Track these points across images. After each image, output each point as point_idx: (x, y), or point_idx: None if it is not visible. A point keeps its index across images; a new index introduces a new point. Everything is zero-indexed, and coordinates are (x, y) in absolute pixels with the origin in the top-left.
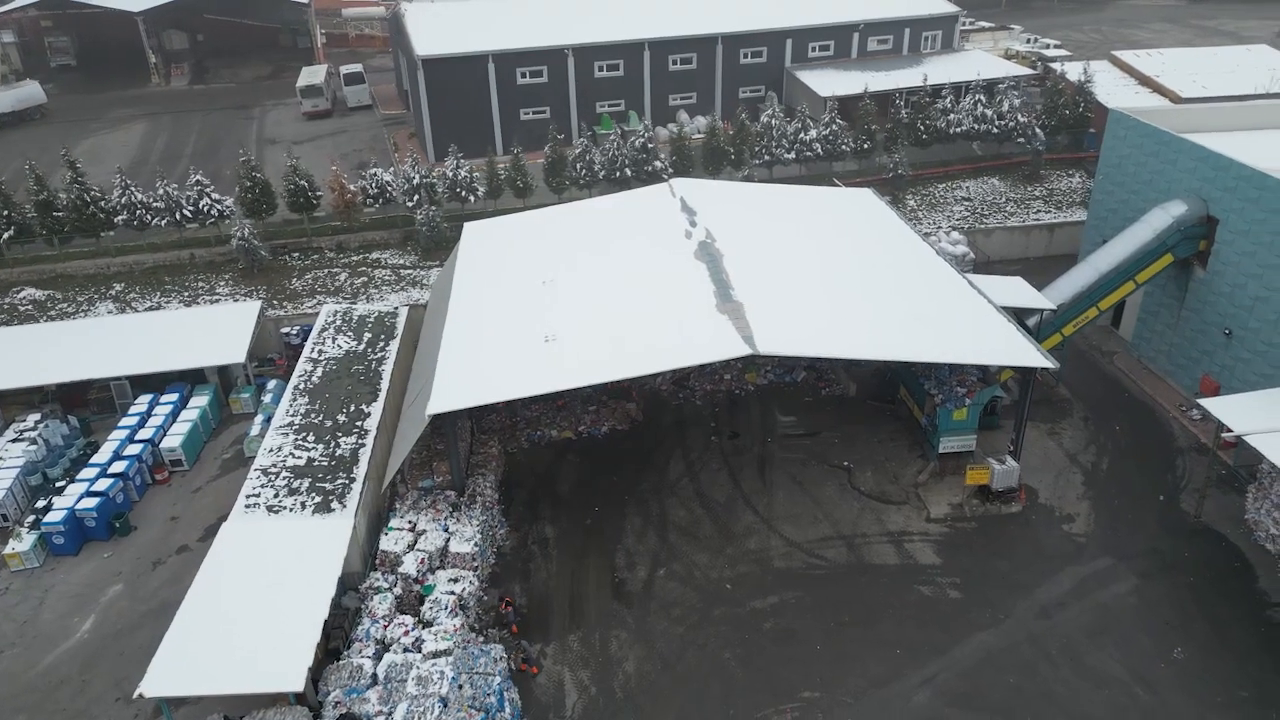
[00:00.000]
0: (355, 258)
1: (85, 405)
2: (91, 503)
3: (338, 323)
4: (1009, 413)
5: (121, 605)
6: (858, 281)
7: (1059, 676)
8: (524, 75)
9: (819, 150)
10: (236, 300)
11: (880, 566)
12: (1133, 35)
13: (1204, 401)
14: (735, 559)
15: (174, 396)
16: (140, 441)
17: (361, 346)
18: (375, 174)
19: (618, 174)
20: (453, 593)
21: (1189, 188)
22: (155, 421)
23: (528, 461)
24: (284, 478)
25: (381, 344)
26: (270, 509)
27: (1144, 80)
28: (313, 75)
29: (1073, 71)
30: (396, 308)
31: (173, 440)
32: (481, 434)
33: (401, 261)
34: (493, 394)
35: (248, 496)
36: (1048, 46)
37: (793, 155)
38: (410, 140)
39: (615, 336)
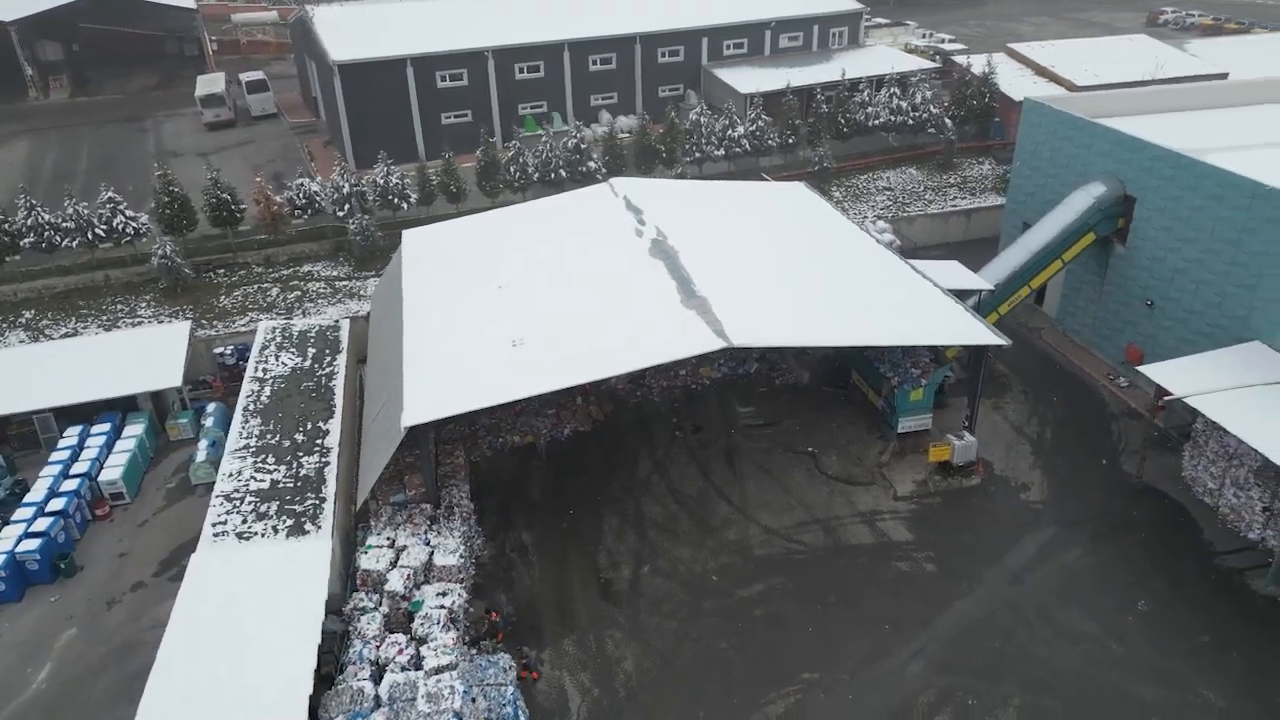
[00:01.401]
0: (285, 271)
1: (5, 441)
2: (32, 544)
3: (278, 339)
4: (955, 390)
5: (79, 650)
6: (810, 272)
7: (1037, 637)
8: (444, 79)
9: (747, 146)
10: (162, 322)
11: (857, 546)
12: (1016, 29)
13: (1144, 368)
14: (717, 550)
15: (106, 426)
16: (77, 476)
17: (307, 363)
18: (302, 184)
19: (552, 176)
20: (443, 606)
21: (1106, 169)
22: (89, 454)
23: (493, 469)
24: (250, 503)
25: (328, 359)
26: (241, 536)
27: (1040, 70)
28: (212, 84)
29: (975, 64)
30: (337, 320)
31: (112, 472)
32: (444, 444)
33: (335, 273)
34: (469, 401)
35: (214, 525)
36: (943, 41)
37: (722, 152)
38: (326, 148)
39: (585, 337)
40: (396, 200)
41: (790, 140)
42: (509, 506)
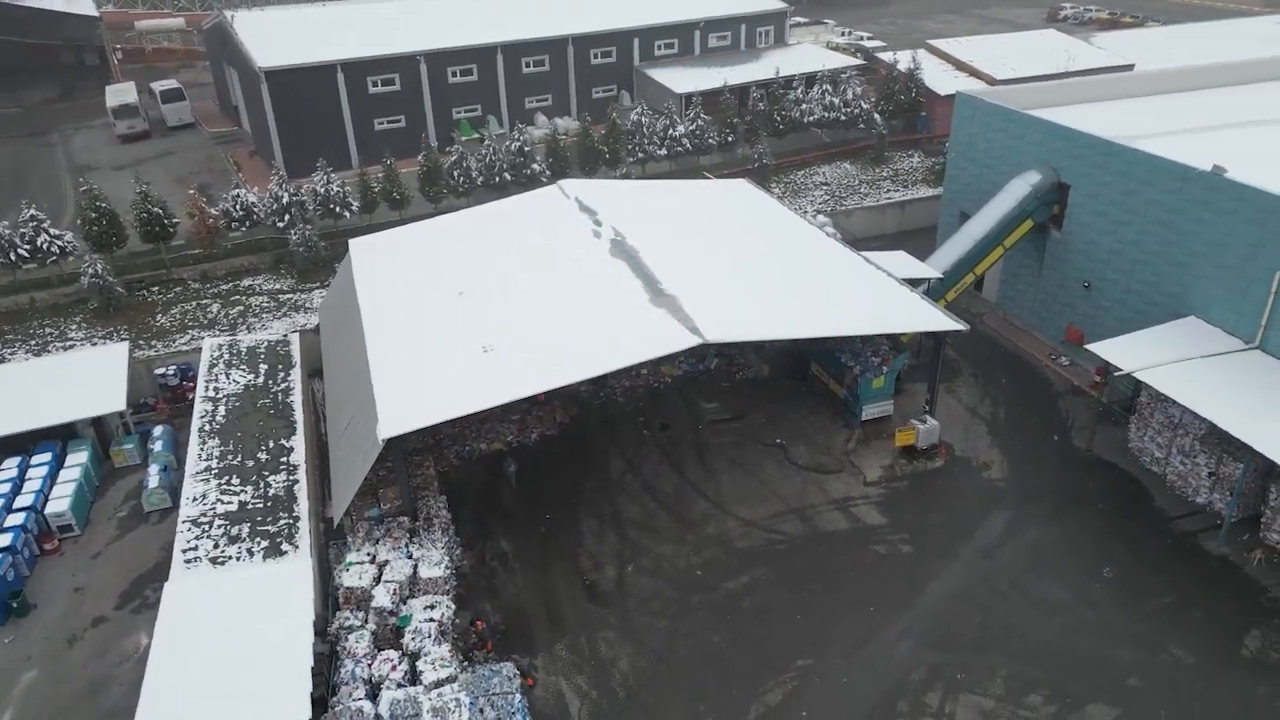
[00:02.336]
0: (225, 287)
1: None
2: None
3: (226, 357)
4: (910, 377)
5: (43, 692)
6: (769, 266)
7: (1015, 609)
8: (375, 84)
9: (688, 145)
10: (96, 344)
11: (834, 533)
12: (926, 25)
13: (1092, 346)
14: (698, 545)
15: (47, 456)
16: (22, 510)
17: (261, 379)
18: (239, 195)
19: (497, 179)
20: (433, 619)
21: (1039, 159)
22: (32, 486)
23: (463, 479)
24: (219, 526)
25: (282, 374)
26: (214, 561)
27: (960, 66)
28: (123, 94)
29: (901, 61)
30: (286, 335)
31: (59, 504)
32: (412, 455)
33: (278, 286)
34: (445, 410)
35: (185, 551)
36: (862, 39)
37: (664, 151)
38: (252, 158)
39: (558, 341)
40: (338, 209)
41: (729, 139)
42: (484, 515)
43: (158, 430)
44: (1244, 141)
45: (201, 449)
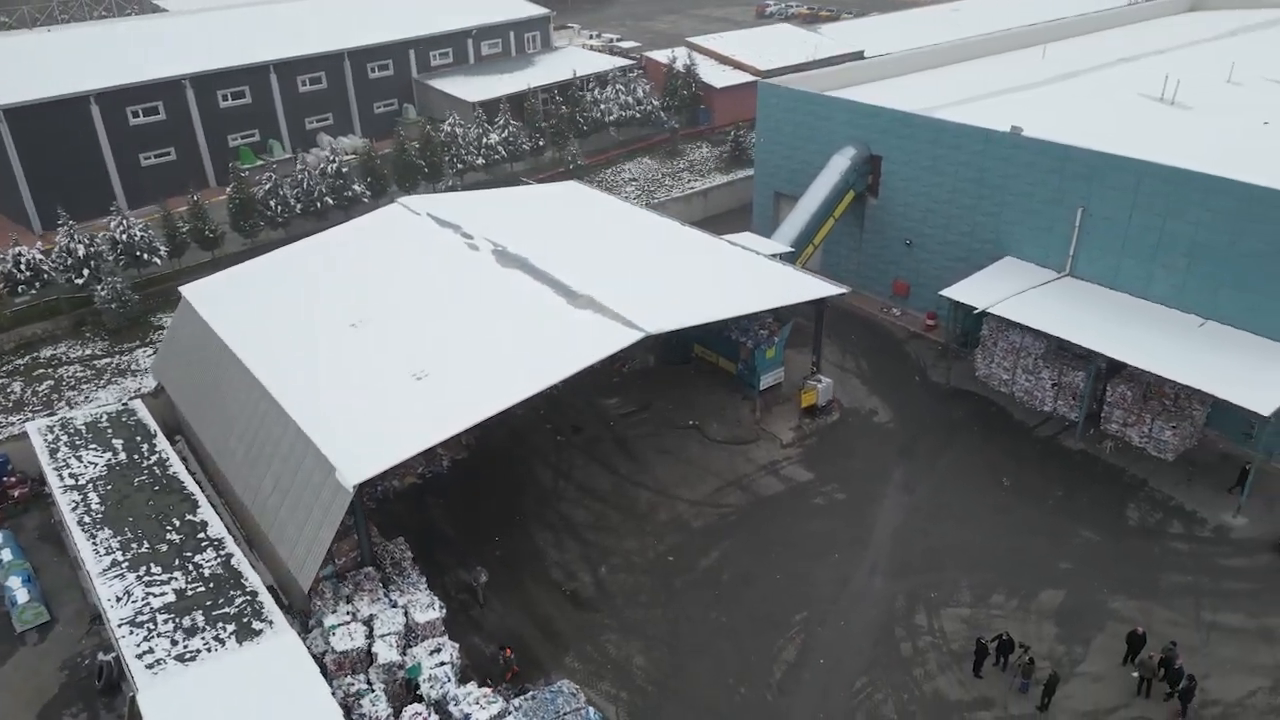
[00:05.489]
0: (20, 361)
1: None
2: None
3: (65, 438)
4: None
5: None
6: (654, 257)
7: (949, 528)
8: (137, 114)
9: (503, 153)
10: None
11: (774, 496)
12: (654, 25)
13: (946, 291)
14: (660, 534)
15: None
16: None
17: (122, 455)
18: (19, 253)
19: (316, 205)
20: (444, 662)
21: (849, 136)
22: None
23: (389, 518)
24: (165, 621)
25: (145, 446)
26: (182, 659)
27: (724, 59)
28: None
29: (663, 58)
30: (125, 403)
31: None
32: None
33: (89, 351)
34: (412, 443)
35: (140, 656)
36: (612, 41)
37: (482, 160)
38: None
39: (494, 356)
40: (145, 256)
41: (540, 143)
42: (429, 551)
43: None
44: (1027, 102)
45: (95, 544)
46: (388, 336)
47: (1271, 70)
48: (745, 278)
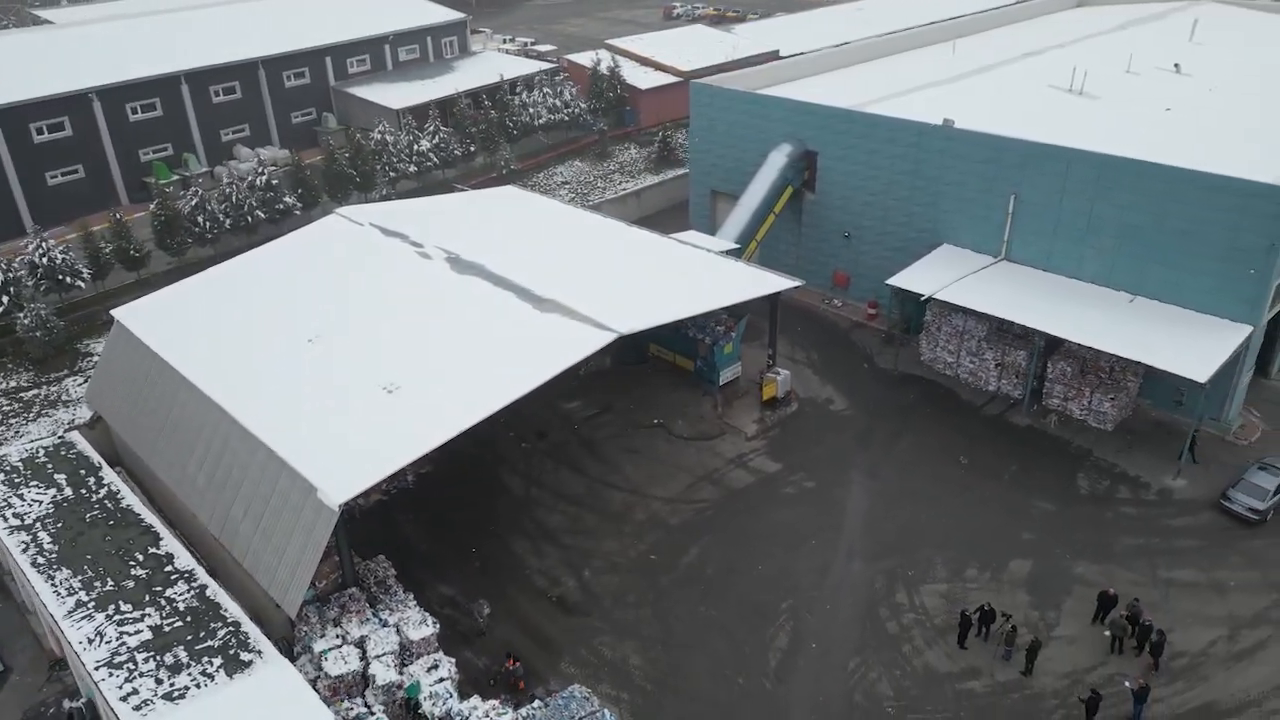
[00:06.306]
0: None
1: None
2: None
3: (1, 478)
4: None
5: None
6: (609, 258)
7: (918, 508)
8: (41, 131)
9: (434, 159)
10: None
11: (745, 488)
12: (563, 29)
13: (892, 280)
14: (638, 533)
15: None
16: None
17: (68, 491)
18: None
19: (247, 219)
20: (443, 678)
21: (784, 133)
22: None
23: (360, 536)
24: (145, 659)
25: (90, 479)
26: (169, 697)
27: (644, 61)
28: None
29: (585, 60)
30: (62, 435)
31: None
32: None
33: (12, 384)
34: (394, 458)
35: (125, 699)
36: (526, 44)
37: (414, 168)
38: None
39: (465, 365)
40: (69, 279)
41: (471, 149)
42: (404, 567)
43: None
44: (949, 95)
45: (54, 585)
46: (350, 350)
47: (1162, 60)
48: (703, 275)
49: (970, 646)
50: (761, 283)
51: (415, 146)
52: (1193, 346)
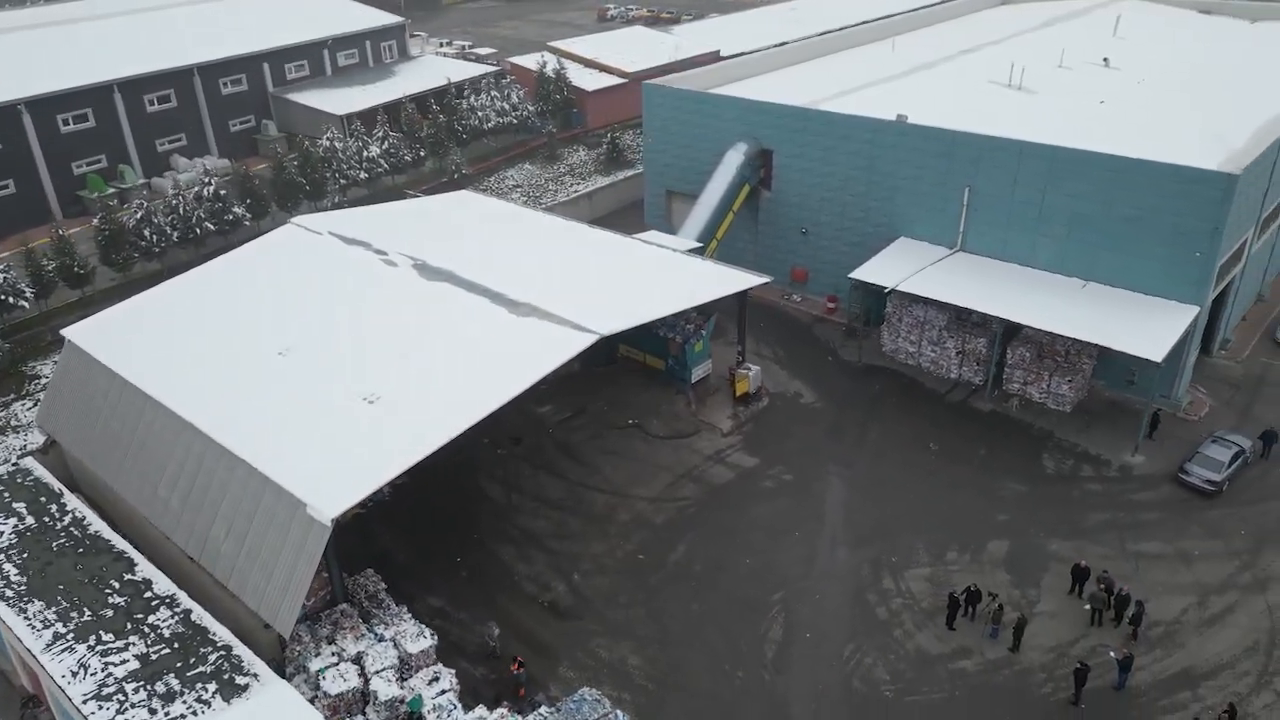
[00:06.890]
0: None
1: None
2: None
3: None
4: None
5: None
6: (577, 260)
7: (893, 496)
8: None
9: (384, 165)
10: None
11: (726, 484)
12: (498, 31)
13: (854, 273)
14: (624, 534)
15: None
16: None
17: (30, 519)
18: None
19: (195, 231)
20: (445, 691)
21: (739, 132)
22: None
23: (341, 549)
24: (134, 689)
25: (55, 506)
26: None
27: (589, 62)
28: None
29: (530, 63)
30: (15, 462)
31: None
32: None
33: None
34: (385, 469)
35: None
36: (464, 48)
37: (365, 174)
38: None
39: (446, 372)
40: (10, 299)
41: (421, 154)
42: (391, 578)
43: None
44: (895, 92)
45: (28, 619)
46: (325, 362)
47: (1091, 55)
48: (673, 274)
49: (958, 627)
50: (731, 280)
51: (364, 152)
52: (1144, 328)
